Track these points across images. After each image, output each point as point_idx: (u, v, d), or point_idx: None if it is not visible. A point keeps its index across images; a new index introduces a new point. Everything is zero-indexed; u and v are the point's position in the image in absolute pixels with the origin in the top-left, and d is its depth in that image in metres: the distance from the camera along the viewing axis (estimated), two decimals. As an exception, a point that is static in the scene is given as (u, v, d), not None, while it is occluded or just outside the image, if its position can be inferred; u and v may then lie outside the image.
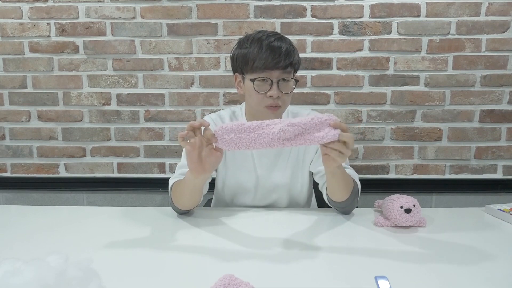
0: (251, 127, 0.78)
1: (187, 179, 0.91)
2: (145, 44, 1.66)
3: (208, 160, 0.83)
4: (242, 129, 0.78)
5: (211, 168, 0.85)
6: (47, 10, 1.63)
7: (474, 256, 0.77)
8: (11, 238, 0.87)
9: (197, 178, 0.88)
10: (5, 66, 1.68)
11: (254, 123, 0.78)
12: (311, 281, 0.67)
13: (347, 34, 1.63)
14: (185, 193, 0.95)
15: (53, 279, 0.54)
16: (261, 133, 0.78)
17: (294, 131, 0.76)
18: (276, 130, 0.76)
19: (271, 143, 0.78)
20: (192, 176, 0.87)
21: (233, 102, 1.68)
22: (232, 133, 0.78)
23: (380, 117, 1.69)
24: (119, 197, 1.79)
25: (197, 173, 0.85)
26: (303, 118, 0.76)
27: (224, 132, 0.78)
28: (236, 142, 0.79)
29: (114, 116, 1.71)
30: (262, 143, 0.78)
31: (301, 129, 0.76)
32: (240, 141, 0.78)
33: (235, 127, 0.78)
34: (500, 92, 1.66)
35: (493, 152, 1.71)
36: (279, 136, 0.76)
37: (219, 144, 0.80)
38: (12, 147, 1.75)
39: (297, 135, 0.77)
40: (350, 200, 0.97)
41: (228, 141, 0.79)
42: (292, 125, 0.76)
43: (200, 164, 0.83)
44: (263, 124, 0.78)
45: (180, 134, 0.79)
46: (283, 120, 0.78)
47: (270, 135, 0.77)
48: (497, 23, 1.60)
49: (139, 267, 0.72)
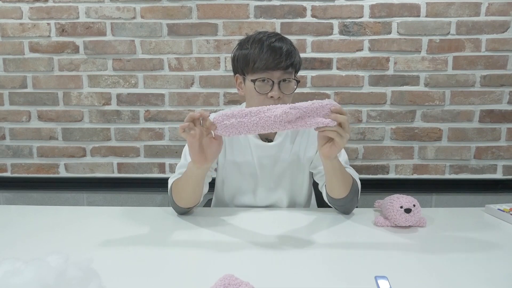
0: (252, 112, 0.78)
1: (189, 171, 0.92)
2: (145, 44, 1.66)
3: (209, 150, 0.85)
4: (243, 114, 0.78)
5: (212, 157, 0.87)
6: (47, 10, 1.63)
7: (474, 256, 0.77)
8: (11, 238, 0.87)
9: (200, 168, 0.89)
10: (5, 66, 1.68)
11: (254, 108, 0.79)
12: (311, 281, 0.67)
13: (347, 34, 1.63)
14: (187, 187, 0.96)
15: (53, 279, 0.54)
16: (262, 116, 0.78)
17: (296, 114, 0.77)
18: (279, 113, 0.77)
19: (273, 126, 0.79)
20: (194, 167, 0.89)
21: (233, 102, 1.68)
22: (232, 118, 0.79)
23: (380, 117, 1.69)
24: (119, 197, 1.79)
25: (200, 163, 0.87)
26: (304, 102, 0.78)
27: (224, 118, 0.79)
28: (237, 127, 0.79)
29: (114, 116, 1.71)
30: (264, 126, 0.79)
31: (302, 112, 0.78)
32: (241, 125, 0.79)
33: (236, 113, 0.79)
34: (500, 92, 1.66)
35: (493, 152, 1.71)
36: (281, 118, 0.77)
37: (219, 131, 0.80)
38: (12, 147, 1.75)
39: (298, 117, 0.78)
40: (349, 198, 0.97)
41: (228, 126, 0.79)
42: (294, 108, 0.77)
43: (201, 154, 0.85)
44: (263, 108, 0.79)
45: (181, 126, 0.80)
46: (283, 105, 0.79)
47: (272, 118, 0.78)
48: (497, 23, 1.60)
49: (139, 267, 0.72)
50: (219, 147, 0.86)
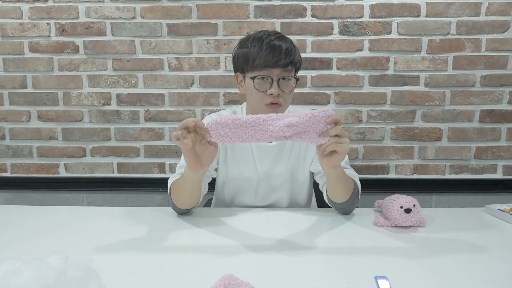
0: (248, 123, 0.77)
1: (186, 176, 0.92)
2: (145, 44, 1.66)
3: (204, 155, 0.85)
4: (238, 124, 0.78)
5: (207, 162, 0.86)
6: (47, 10, 1.63)
7: (474, 256, 0.77)
8: (11, 238, 0.87)
9: (196, 174, 0.89)
10: (5, 66, 1.68)
11: (250, 119, 0.77)
12: (311, 281, 0.67)
13: (347, 34, 1.63)
14: (184, 190, 0.95)
15: (53, 279, 0.54)
16: (258, 129, 0.78)
17: (292, 130, 0.77)
18: (275, 130, 0.77)
19: (268, 139, 0.79)
20: (190, 173, 0.89)
21: (233, 102, 1.68)
22: (227, 128, 0.78)
23: (380, 117, 1.69)
24: (119, 197, 1.79)
25: (195, 169, 0.87)
26: (301, 116, 0.77)
27: (218, 126, 0.78)
28: (231, 137, 0.79)
29: (114, 116, 1.71)
30: (259, 139, 0.79)
31: (299, 129, 0.78)
32: (236, 135, 0.79)
33: (230, 122, 0.78)
34: (500, 92, 1.66)
35: (493, 152, 1.71)
36: (278, 135, 0.78)
37: (213, 138, 0.80)
38: (12, 147, 1.75)
39: (295, 133, 0.78)
40: (350, 201, 0.97)
41: (222, 135, 0.79)
42: (291, 126, 0.76)
43: (197, 160, 0.85)
44: (259, 119, 0.78)
45: (174, 134, 0.80)
46: (279, 115, 0.78)
47: (268, 132, 0.78)
48: (497, 23, 1.60)
49: (139, 267, 0.72)
50: (214, 152, 0.85)
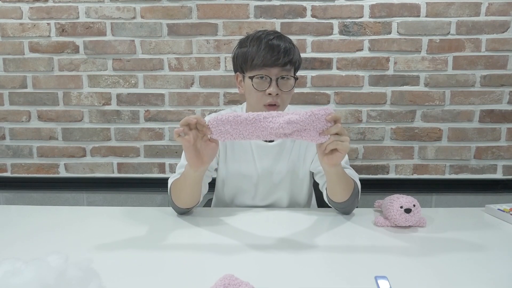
0: (248, 120, 0.78)
1: (187, 174, 0.92)
2: (145, 44, 1.66)
3: (205, 152, 0.85)
4: (238, 121, 0.78)
5: (208, 159, 0.87)
6: (47, 10, 1.63)
7: (474, 256, 0.77)
8: (11, 238, 0.87)
9: (196, 171, 0.89)
10: (5, 66, 1.68)
11: (250, 116, 0.78)
12: (311, 281, 0.67)
13: (347, 34, 1.63)
14: (185, 189, 0.95)
15: (53, 279, 0.54)
16: (258, 126, 0.78)
17: (292, 128, 0.78)
18: (275, 126, 0.78)
19: (269, 136, 0.79)
20: (191, 170, 0.89)
21: (233, 102, 1.68)
22: (228, 125, 0.79)
23: (380, 117, 1.69)
24: (119, 197, 1.79)
25: (196, 166, 0.87)
26: (301, 114, 0.77)
27: (219, 123, 0.79)
28: (232, 134, 0.80)
29: (114, 116, 1.71)
30: (259, 136, 0.79)
31: (299, 126, 0.78)
32: (236, 132, 0.79)
33: (231, 119, 0.78)
34: (500, 92, 1.66)
35: (493, 152, 1.71)
36: (278, 131, 0.78)
37: (214, 135, 0.80)
38: (12, 147, 1.75)
39: (295, 130, 0.79)
40: (350, 201, 0.97)
41: (223, 132, 0.80)
42: (291, 123, 0.77)
43: (198, 157, 0.85)
44: (260, 116, 0.78)
45: (176, 131, 0.80)
46: (279, 112, 0.79)
47: (269, 129, 0.78)
48: (497, 23, 1.60)
49: (139, 267, 0.72)
50: (215, 149, 0.86)
